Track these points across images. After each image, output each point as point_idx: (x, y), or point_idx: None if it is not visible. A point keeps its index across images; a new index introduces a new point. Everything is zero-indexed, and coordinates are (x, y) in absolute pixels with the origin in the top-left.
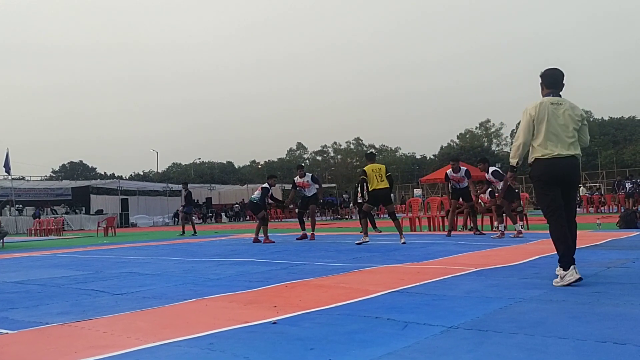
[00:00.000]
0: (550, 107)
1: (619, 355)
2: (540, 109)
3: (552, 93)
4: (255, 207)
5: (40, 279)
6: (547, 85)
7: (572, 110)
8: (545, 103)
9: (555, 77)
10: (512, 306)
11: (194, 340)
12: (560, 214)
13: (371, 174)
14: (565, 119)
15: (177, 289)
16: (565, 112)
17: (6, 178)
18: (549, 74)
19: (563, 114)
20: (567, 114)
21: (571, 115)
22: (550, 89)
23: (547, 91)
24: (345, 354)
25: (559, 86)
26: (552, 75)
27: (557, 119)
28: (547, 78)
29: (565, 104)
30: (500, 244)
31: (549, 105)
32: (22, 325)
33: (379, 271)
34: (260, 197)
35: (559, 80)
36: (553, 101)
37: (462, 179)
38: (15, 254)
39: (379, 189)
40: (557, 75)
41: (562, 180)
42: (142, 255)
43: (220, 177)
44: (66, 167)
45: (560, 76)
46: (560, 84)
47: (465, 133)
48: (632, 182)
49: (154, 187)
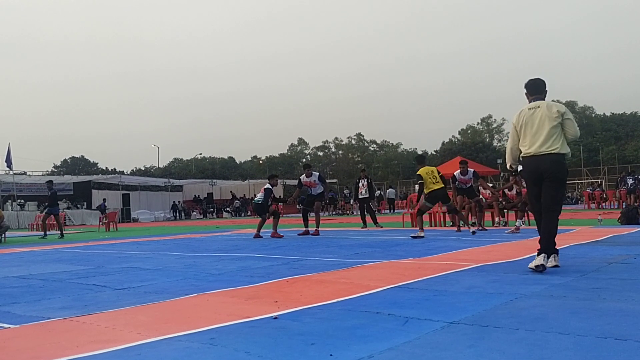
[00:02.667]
0: (528, 113)
1: (620, 351)
2: (520, 117)
3: (535, 99)
4: (260, 209)
5: (42, 273)
6: (530, 93)
7: (547, 110)
8: (524, 110)
9: (536, 86)
10: (513, 302)
11: (195, 335)
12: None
13: (426, 177)
14: (541, 120)
15: (179, 284)
16: (541, 114)
17: (8, 173)
18: (531, 83)
19: (540, 116)
20: (542, 115)
21: (548, 116)
22: (533, 95)
23: (531, 98)
24: (346, 349)
25: (541, 92)
26: (534, 84)
27: (534, 122)
28: (530, 87)
29: (542, 106)
30: (501, 240)
31: (527, 111)
32: (24, 319)
33: (380, 266)
34: (264, 198)
35: (541, 88)
36: (530, 106)
37: (469, 180)
38: (16, 249)
39: (437, 190)
40: (538, 83)
41: (540, 174)
42: (144, 250)
43: (221, 173)
44: (68, 162)
45: (541, 84)
46: (542, 90)
47: (467, 128)
48: (634, 178)
49: (156, 182)
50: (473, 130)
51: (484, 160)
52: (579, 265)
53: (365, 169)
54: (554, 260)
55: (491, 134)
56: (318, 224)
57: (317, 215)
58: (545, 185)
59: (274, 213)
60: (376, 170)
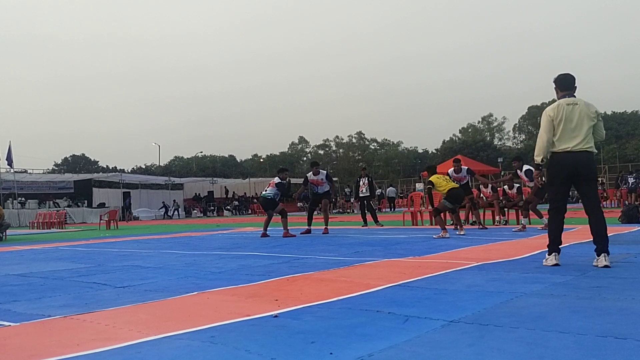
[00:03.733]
0: (567, 108)
1: (620, 349)
2: (559, 109)
3: (567, 95)
4: (269, 203)
5: (42, 271)
6: (561, 89)
7: (586, 108)
8: (562, 104)
9: (567, 81)
10: (513, 300)
11: (195, 333)
12: (560, 212)
13: (438, 181)
14: (581, 117)
15: (179, 282)
16: (580, 111)
17: (9, 171)
18: (561, 78)
19: (579, 113)
20: (582, 112)
21: (587, 114)
22: (564, 91)
23: (561, 93)
24: (346, 348)
25: (572, 88)
26: (565, 79)
27: (573, 118)
28: (560, 82)
29: (580, 103)
30: (502, 239)
31: (565, 106)
32: (24, 317)
33: (380, 265)
34: (276, 192)
35: (572, 83)
36: (569, 102)
37: (464, 177)
38: (17, 247)
39: (455, 189)
40: (569, 78)
41: (574, 172)
42: (144, 248)
43: (222, 171)
44: (68, 160)
45: (572, 79)
46: (572, 86)
47: (468, 127)
48: (634, 177)
49: (156, 181)
50: (474, 129)
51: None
52: (579, 264)
53: (366, 167)
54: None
55: (492, 133)
56: (327, 221)
57: (325, 213)
58: (585, 185)
59: (282, 212)
60: (377, 169)
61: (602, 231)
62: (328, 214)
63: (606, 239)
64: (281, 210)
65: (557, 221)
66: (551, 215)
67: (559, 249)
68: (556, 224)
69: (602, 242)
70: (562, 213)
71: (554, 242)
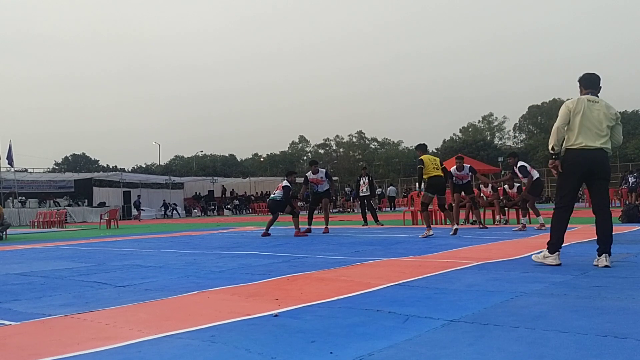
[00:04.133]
0: (587, 103)
1: (620, 349)
2: (578, 103)
3: (590, 93)
4: (278, 206)
5: (43, 270)
6: (585, 87)
7: (607, 109)
8: (583, 99)
9: (592, 80)
10: (513, 300)
11: (195, 332)
12: (568, 210)
13: (428, 162)
14: (600, 115)
15: (179, 282)
16: (600, 109)
17: (9, 170)
18: (587, 77)
19: (598, 111)
20: (602, 111)
21: (605, 114)
22: (588, 89)
23: (585, 92)
24: (346, 347)
25: (596, 87)
26: (590, 78)
27: (592, 114)
28: (585, 81)
29: (601, 102)
30: (502, 238)
31: (586, 101)
32: (24, 316)
33: (380, 264)
34: (284, 195)
35: (596, 83)
36: (590, 99)
37: (466, 175)
38: (18, 246)
39: (438, 177)
40: (593, 78)
41: (589, 170)
42: (144, 247)
43: (222, 170)
44: (69, 159)
45: (596, 79)
46: (597, 85)
47: (468, 127)
48: (635, 177)
49: (157, 180)
50: (474, 128)
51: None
52: (579, 264)
53: (366, 166)
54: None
55: (492, 132)
56: (327, 221)
57: (325, 212)
58: (598, 184)
59: (293, 212)
60: (377, 168)
61: (608, 231)
62: (328, 213)
63: (610, 239)
64: (292, 210)
65: (564, 220)
66: (559, 213)
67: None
68: (562, 223)
69: (606, 243)
70: (570, 212)
71: (559, 241)
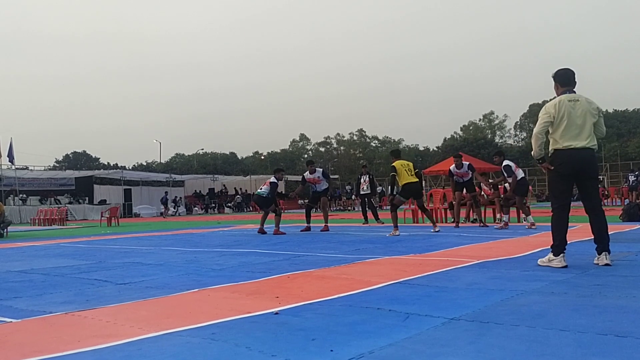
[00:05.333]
0: (569, 104)
1: (620, 347)
2: (560, 106)
3: (568, 90)
4: (264, 201)
5: (43, 268)
6: (561, 84)
7: (588, 105)
8: (564, 101)
9: (568, 76)
10: (514, 298)
11: (196, 330)
12: (566, 209)
13: (400, 169)
14: (583, 114)
15: (180, 279)
16: (582, 107)
17: (10, 168)
18: (562, 73)
19: (582, 110)
20: (585, 109)
21: (589, 111)
22: (565, 87)
23: (562, 89)
24: (347, 345)
25: (572, 83)
26: (565, 74)
27: (576, 114)
28: (560, 77)
29: (581, 99)
30: (503, 236)
31: (567, 102)
32: (25, 314)
33: (381, 262)
34: (270, 191)
35: (572, 78)
36: (570, 98)
37: (466, 173)
38: (18, 244)
39: (412, 183)
40: (569, 74)
41: (579, 170)
42: (145, 245)
43: (223, 168)
44: (69, 157)
45: (572, 74)
46: (573, 81)
47: (469, 125)
48: (635, 175)
49: (157, 178)
50: (475, 127)
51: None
52: (580, 262)
53: (367, 165)
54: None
55: (493, 131)
56: (326, 219)
57: (324, 211)
58: (587, 185)
59: (276, 210)
60: (378, 167)
61: (603, 230)
62: (327, 211)
63: (607, 237)
64: (275, 209)
65: (563, 219)
66: (557, 214)
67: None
68: (562, 223)
69: (603, 241)
70: (567, 210)
71: (562, 242)
